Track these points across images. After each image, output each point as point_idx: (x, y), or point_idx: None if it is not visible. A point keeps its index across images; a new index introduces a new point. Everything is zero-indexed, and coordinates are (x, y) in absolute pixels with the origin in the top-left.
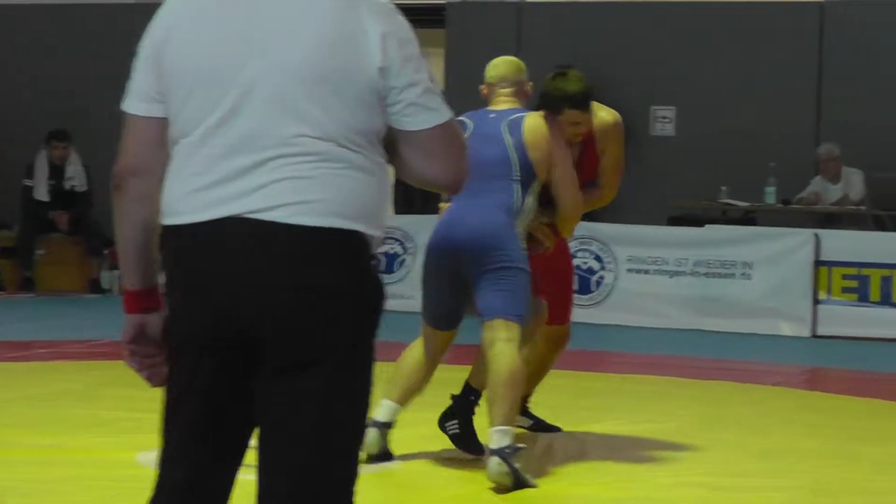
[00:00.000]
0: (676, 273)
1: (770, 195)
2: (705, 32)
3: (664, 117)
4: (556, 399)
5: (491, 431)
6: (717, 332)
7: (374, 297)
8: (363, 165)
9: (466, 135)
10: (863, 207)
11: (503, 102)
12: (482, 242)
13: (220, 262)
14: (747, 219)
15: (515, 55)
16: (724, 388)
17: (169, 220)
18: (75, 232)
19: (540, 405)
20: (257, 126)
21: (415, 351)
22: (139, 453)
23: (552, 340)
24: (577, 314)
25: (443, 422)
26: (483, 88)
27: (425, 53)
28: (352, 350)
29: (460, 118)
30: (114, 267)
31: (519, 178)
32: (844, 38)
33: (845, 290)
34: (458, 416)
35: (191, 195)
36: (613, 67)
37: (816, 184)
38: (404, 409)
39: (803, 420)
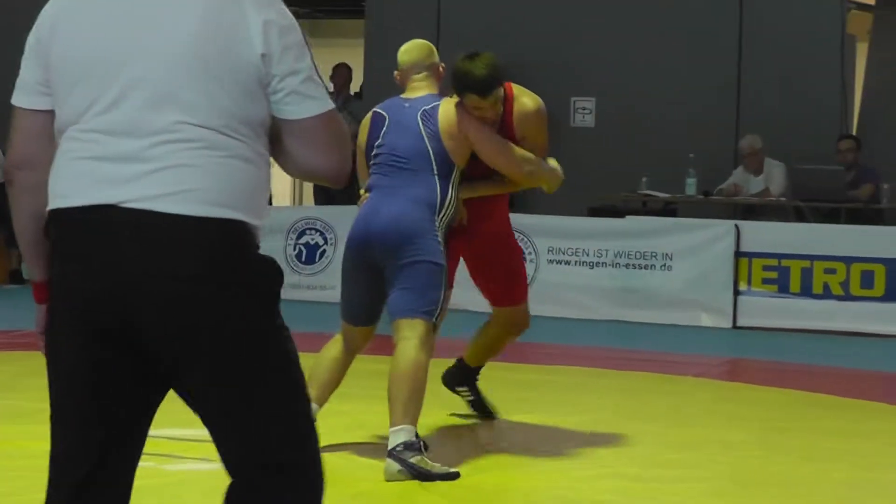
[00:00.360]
0: (597, 264)
1: (691, 186)
2: (625, 23)
3: (584, 108)
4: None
5: (390, 431)
6: (638, 324)
7: (260, 284)
8: (245, 155)
9: (383, 129)
10: (783, 199)
11: (417, 89)
12: (395, 236)
13: (96, 249)
14: (668, 210)
15: (436, 45)
16: (645, 379)
17: (52, 203)
18: None
19: (454, 398)
20: (139, 114)
21: (332, 349)
22: None
23: (507, 323)
24: None
25: (454, 387)
26: (397, 75)
27: (308, 42)
28: (242, 339)
29: (376, 110)
30: None
31: (437, 171)
32: (763, 29)
33: (765, 281)
34: (468, 385)
35: (73, 180)
36: (533, 58)
37: (738, 175)
38: (322, 406)
39: (724, 411)
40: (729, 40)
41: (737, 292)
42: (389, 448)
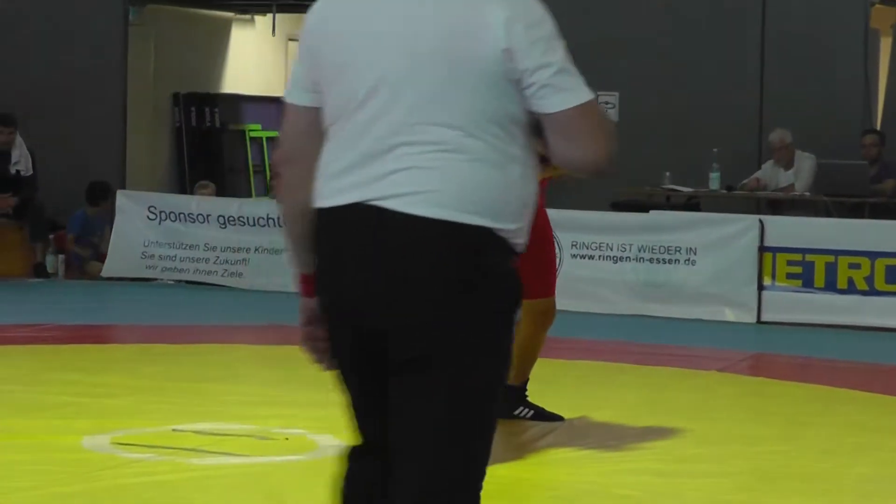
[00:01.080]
0: (621, 259)
1: (714, 181)
2: (649, 17)
3: (607, 103)
4: None
5: None
6: (662, 318)
7: (496, 294)
8: (490, 157)
9: None
10: (807, 194)
11: None
12: None
13: (344, 247)
14: (691, 205)
15: None
16: (669, 374)
17: (316, 203)
18: (19, 216)
19: None
20: (384, 115)
21: None
22: (84, 437)
23: (536, 315)
24: None
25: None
26: None
27: (560, 35)
28: (466, 347)
29: None
30: (58, 251)
31: None
32: (787, 23)
33: (790, 276)
34: (522, 404)
35: (328, 180)
36: None
37: (767, 169)
38: None
39: (747, 406)
40: (752, 35)
41: (761, 287)
42: None
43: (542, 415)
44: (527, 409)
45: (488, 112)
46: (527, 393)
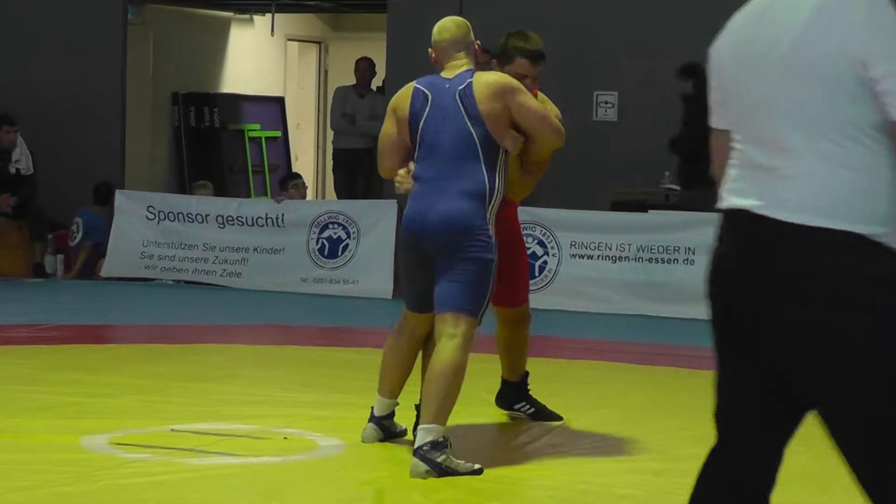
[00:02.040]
0: (620, 258)
1: None
2: (648, 17)
3: (606, 102)
4: (494, 383)
5: (418, 429)
6: (661, 318)
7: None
8: (852, 162)
9: (427, 110)
10: None
11: (456, 67)
12: (449, 234)
13: (731, 250)
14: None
15: None
16: (668, 373)
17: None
18: (19, 216)
19: (485, 389)
20: (751, 124)
21: (397, 341)
22: (84, 437)
23: (510, 321)
24: None
25: (510, 407)
26: (432, 53)
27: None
28: (873, 370)
29: (418, 86)
30: (58, 251)
31: (483, 158)
32: None
33: None
34: (524, 399)
35: (725, 185)
36: (556, 51)
37: None
38: (397, 398)
39: None
40: None
41: None
42: (416, 446)
43: (542, 413)
44: (528, 405)
45: (849, 117)
46: (528, 388)
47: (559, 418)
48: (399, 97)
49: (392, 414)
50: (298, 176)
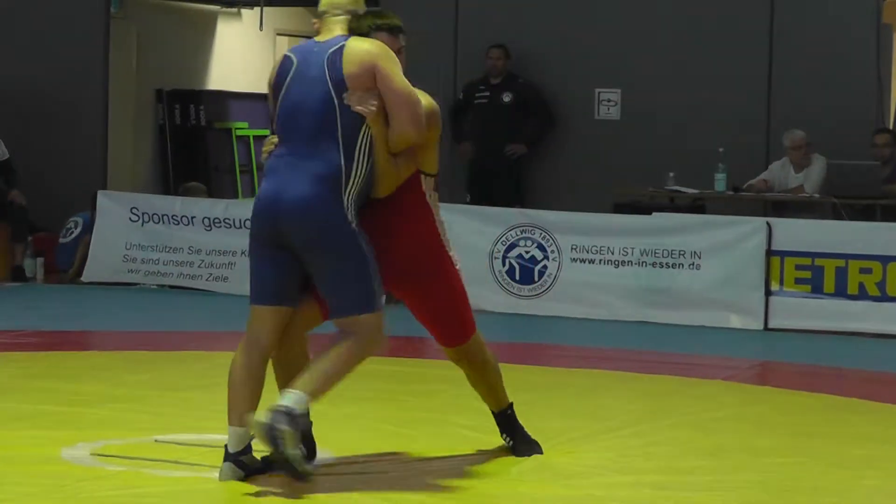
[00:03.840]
0: (622, 263)
1: (720, 182)
2: (651, 13)
3: (609, 100)
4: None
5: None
6: (665, 325)
7: None
8: None
9: (289, 77)
10: (816, 196)
11: (331, 31)
12: (306, 227)
13: None
14: (696, 207)
15: (454, 33)
16: (672, 382)
17: None
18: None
19: (475, 402)
20: None
21: (238, 359)
22: (63, 448)
23: (459, 360)
24: (520, 305)
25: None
26: (315, 23)
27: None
28: None
29: (286, 52)
30: (38, 254)
31: (341, 132)
32: (795, 19)
33: (798, 280)
34: (506, 430)
35: None
36: (556, 48)
37: (775, 170)
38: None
39: (753, 416)
40: (760, 31)
41: (768, 292)
42: (274, 404)
43: (517, 450)
44: (508, 438)
45: None
46: (513, 418)
47: (538, 452)
48: (272, 68)
49: (249, 448)
50: None
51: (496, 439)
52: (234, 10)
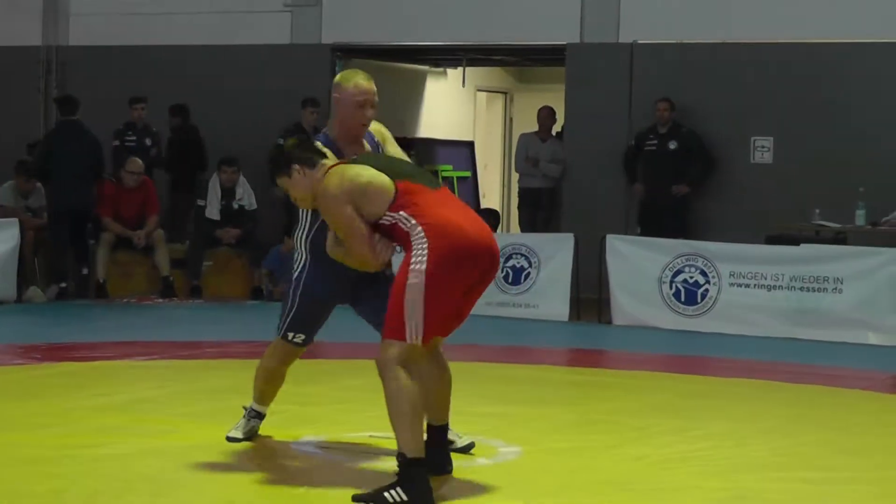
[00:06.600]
0: (774, 287)
1: (860, 217)
2: (799, 69)
3: (762, 146)
4: (661, 398)
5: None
6: (811, 341)
7: None
8: None
9: None
10: None
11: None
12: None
13: None
14: (839, 239)
15: (629, 90)
16: (817, 391)
17: None
18: (242, 246)
19: (647, 405)
20: None
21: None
22: (293, 441)
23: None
24: (685, 323)
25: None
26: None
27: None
28: None
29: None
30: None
31: None
32: None
33: None
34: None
35: None
36: (717, 102)
37: None
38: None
39: (889, 421)
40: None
41: None
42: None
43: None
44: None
45: None
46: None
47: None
48: None
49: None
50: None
51: (661, 439)
52: (441, 69)
